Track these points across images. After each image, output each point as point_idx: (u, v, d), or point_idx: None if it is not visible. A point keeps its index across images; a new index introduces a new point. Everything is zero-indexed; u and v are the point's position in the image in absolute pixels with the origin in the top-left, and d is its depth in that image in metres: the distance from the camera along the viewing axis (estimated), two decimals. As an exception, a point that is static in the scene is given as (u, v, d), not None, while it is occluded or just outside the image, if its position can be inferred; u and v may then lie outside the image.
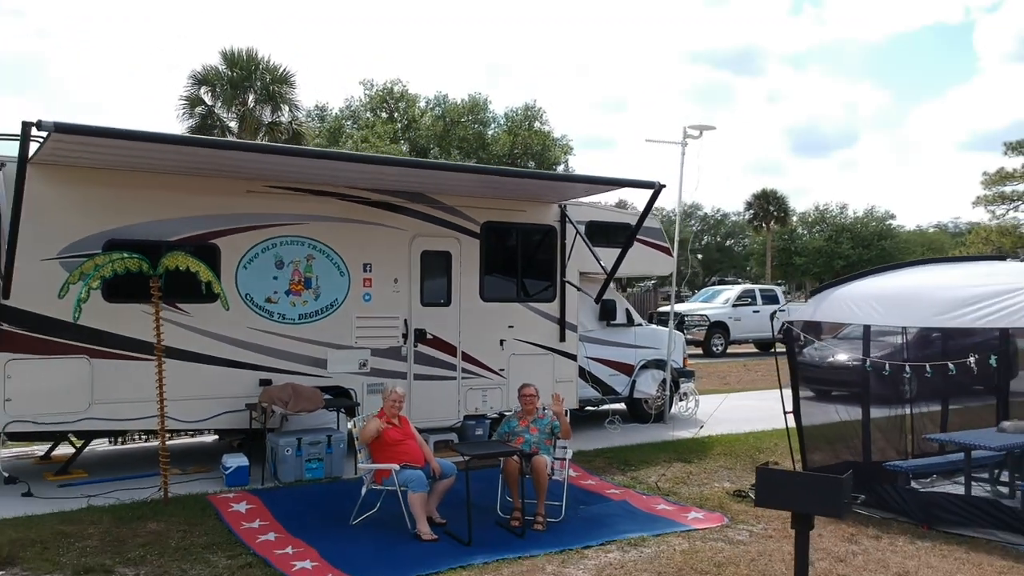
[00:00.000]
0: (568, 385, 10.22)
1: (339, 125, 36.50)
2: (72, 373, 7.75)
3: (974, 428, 8.43)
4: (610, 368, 11.25)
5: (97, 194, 7.79)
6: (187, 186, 8.25)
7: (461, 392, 9.69)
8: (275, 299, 8.63)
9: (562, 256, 10.35)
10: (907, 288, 7.60)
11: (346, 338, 9.00)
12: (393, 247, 9.30)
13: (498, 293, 10.04)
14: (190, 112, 23.82)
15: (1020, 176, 45.48)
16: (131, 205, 7.98)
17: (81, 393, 7.80)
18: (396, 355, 9.31)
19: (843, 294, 7.96)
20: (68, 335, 7.67)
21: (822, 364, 10.30)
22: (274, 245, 8.65)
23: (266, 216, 8.59)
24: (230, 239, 8.39)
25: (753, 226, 57.11)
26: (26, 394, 7.55)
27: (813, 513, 5.16)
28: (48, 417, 7.70)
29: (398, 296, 9.33)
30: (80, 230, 7.72)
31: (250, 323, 8.49)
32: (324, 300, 8.92)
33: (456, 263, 9.72)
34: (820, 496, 5.14)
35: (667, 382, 11.47)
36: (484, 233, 9.88)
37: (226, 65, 23.65)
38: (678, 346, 11.91)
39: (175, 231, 8.13)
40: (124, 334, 7.92)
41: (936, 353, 7.98)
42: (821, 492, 5.16)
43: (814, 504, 5.13)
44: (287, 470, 8.03)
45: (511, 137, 35.66)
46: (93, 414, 7.88)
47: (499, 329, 9.97)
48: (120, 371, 7.95)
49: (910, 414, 8.74)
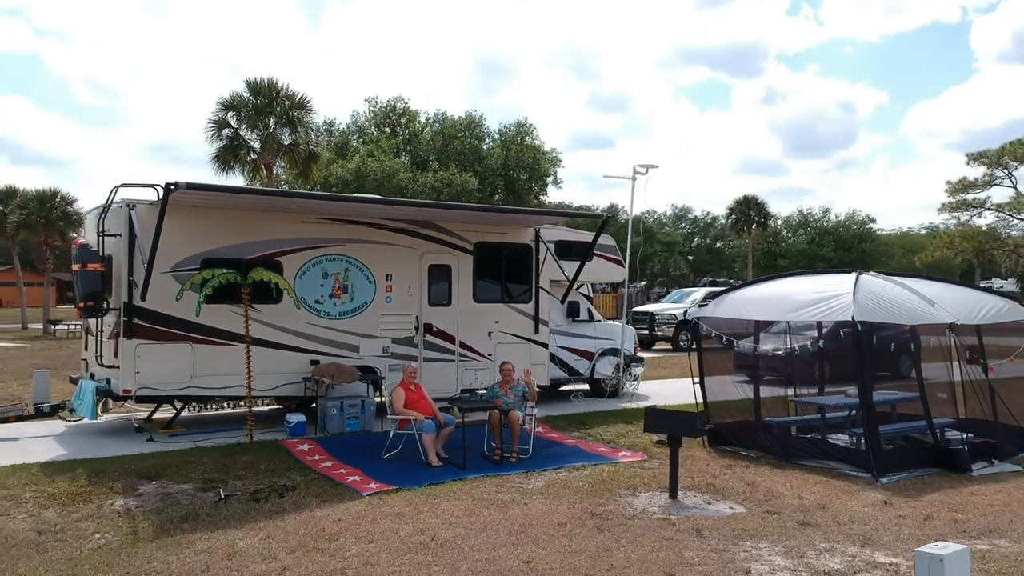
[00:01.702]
0: (541, 367, 13.29)
1: (346, 140, 39.50)
2: (179, 355, 10.79)
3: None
4: (575, 355, 14.35)
5: (197, 225, 10.81)
6: (258, 218, 11.31)
7: (459, 371, 12.75)
8: (322, 301, 11.70)
9: (536, 268, 13.44)
10: (774, 293, 10.70)
11: (373, 330, 12.08)
12: (407, 262, 12.38)
13: (487, 296, 13.12)
14: (218, 134, 26.79)
15: (981, 184, 48.53)
16: (219, 233, 11.01)
17: (185, 369, 10.84)
18: (410, 343, 12.38)
19: (733, 297, 11.06)
20: (177, 327, 10.72)
21: (751, 353, 13.34)
22: (321, 261, 11.71)
23: (315, 240, 11.64)
24: (289, 257, 11.44)
25: (735, 230, 59.97)
26: (149, 369, 10.59)
27: (678, 435, 8.24)
28: (163, 386, 10.75)
29: (411, 299, 12.40)
30: (185, 251, 10.75)
31: (304, 319, 11.55)
32: (357, 302, 11.98)
33: (455, 273, 12.79)
34: (682, 424, 8.24)
35: (620, 366, 14.56)
36: (476, 250, 12.94)
37: (250, 92, 26.63)
38: (629, 338, 15.00)
39: (250, 252, 11.16)
40: (215, 326, 10.95)
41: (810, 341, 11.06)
42: (683, 422, 8.25)
43: (678, 429, 8.22)
44: (333, 424, 11.08)
45: (504, 151, 38.70)
46: (193, 384, 10.93)
47: (488, 324, 13.05)
48: (212, 353, 10.98)
49: (794, 388, 11.90)
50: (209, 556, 6.78)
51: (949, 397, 10.62)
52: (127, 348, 10.47)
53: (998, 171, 48.04)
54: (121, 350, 10.51)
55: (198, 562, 6.64)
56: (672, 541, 6.93)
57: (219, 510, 8.04)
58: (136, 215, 10.44)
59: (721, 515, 7.79)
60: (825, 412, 10.82)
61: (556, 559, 6.50)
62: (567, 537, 7.07)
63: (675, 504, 8.15)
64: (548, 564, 6.39)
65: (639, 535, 7.12)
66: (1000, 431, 10.32)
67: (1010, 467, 9.83)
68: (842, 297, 9.66)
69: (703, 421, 8.37)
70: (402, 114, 40.23)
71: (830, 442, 10.00)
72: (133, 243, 10.39)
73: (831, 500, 8.29)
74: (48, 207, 39.86)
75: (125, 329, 10.44)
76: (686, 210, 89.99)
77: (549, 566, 6.34)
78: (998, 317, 10.34)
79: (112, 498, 8.46)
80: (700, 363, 11.23)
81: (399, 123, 40.54)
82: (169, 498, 8.50)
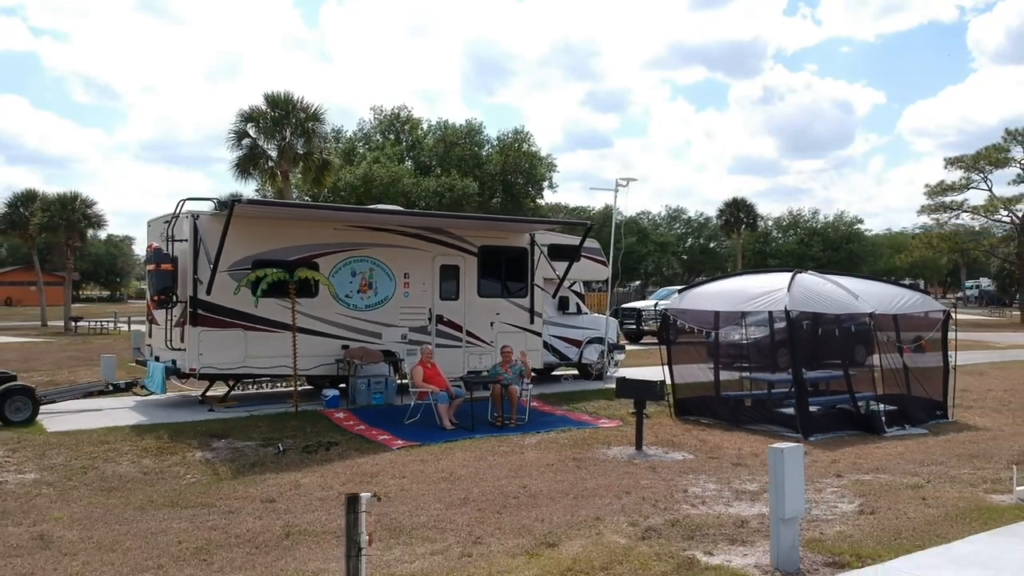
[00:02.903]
0: (536, 352, 15.47)
1: (352, 146, 41.70)
2: (235, 340, 12.96)
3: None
4: (565, 343, 16.56)
5: (249, 232, 12.94)
6: (298, 225, 13.50)
7: (465, 356, 14.93)
8: (351, 295, 13.88)
9: (531, 268, 15.62)
10: (729, 288, 12.92)
11: (394, 320, 14.26)
12: (422, 262, 14.56)
13: (489, 292, 15.30)
14: (238, 143, 28.95)
15: (958, 187, 50.79)
16: (267, 238, 13.17)
17: (239, 351, 13.01)
18: (424, 331, 14.56)
19: (696, 292, 13.28)
20: (233, 317, 12.89)
21: (723, 343, 15.55)
22: (350, 262, 13.89)
23: (345, 244, 13.82)
24: (324, 258, 13.61)
25: (725, 231, 62.13)
26: (210, 351, 12.76)
27: (642, 398, 10.44)
28: (221, 365, 12.93)
29: (425, 294, 14.58)
30: (240, 254, 12.90)
31: (336, 310, 13.73)
32: (380, 296, 14.17)
33: (462, 272, 14.97)
34: (645, 390, 10.44)
35: (604, 353, 16.77)
36: (480, 253, 15.12)
37: (268, 106, 28.78)
38: (612, 328, 17.21)
39: (292, 254, 13.33)
40: (264, 316, 13.11)
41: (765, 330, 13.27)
42: (646, 388, 10.46)
43: (642, 394, 10.42)
44: (361, 398, 13.26)
45: (503, 157, 40.93)
46: (245, 364, 13.10)
47: (490, 315, 15.24)
48: (261, 339, 13.14)
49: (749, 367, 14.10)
50: (279, 488, 8.99)
51: (872, 376, 12.78)
52: (192, 334, 12.65)
53: (974, 175, 50.31)
54: (187, 336, 12.69)
55: (272, 492, 8.84)
56: (632, 474, 9.14)
57: (279, 459, 10.25)
58: (200, 223, 12.61)
59: (674, 459, 10.00)
60: (772, 387, 13.02)
61: (544, 485, 8.71)
62: (553, 472, 9.28)
63: (639, 454, 10.35)
64: (538, 488, 8.59)
65: (608, 471, 9.33)
66: (913, 402, 12.54)
67: (919, 431, 12.04)
68: (780, 291, 11.87)
69: (662, 387, 10.59)
70: (406, 122, 42.47)
71: (772, 410, 12.21)
72: (198, 247, 12.56)
73: (762, 451, 10.42)
74: (69, 209, 41.81)
75: (191, 318, 12.61)
76: (680, 211, 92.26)
77: (539, 489, 8.55)
78: (911, 308, 12.56)
79: (192, 451, 10.66)
80: (668, 345, 13.43)
81: (403, 130, 42.76)
82: (237, 451, 10.70)
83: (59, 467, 9.94)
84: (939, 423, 12.60)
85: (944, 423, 12.64)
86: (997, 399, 15.30)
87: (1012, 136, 48.93)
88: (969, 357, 23.78)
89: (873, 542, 6.51)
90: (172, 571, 6.56)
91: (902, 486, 8.54)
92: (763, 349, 13.56)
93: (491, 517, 7.69)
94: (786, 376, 12.83)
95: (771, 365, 14.15)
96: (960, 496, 8.03)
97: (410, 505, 8.10)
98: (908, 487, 8.47)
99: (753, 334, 13.99)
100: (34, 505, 8.54)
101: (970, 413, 13.63)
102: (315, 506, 8.37)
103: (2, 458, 10.20)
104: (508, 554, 6.53)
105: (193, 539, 7.36)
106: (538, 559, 6.34)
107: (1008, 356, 24.49)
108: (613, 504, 7.95)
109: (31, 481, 9.40)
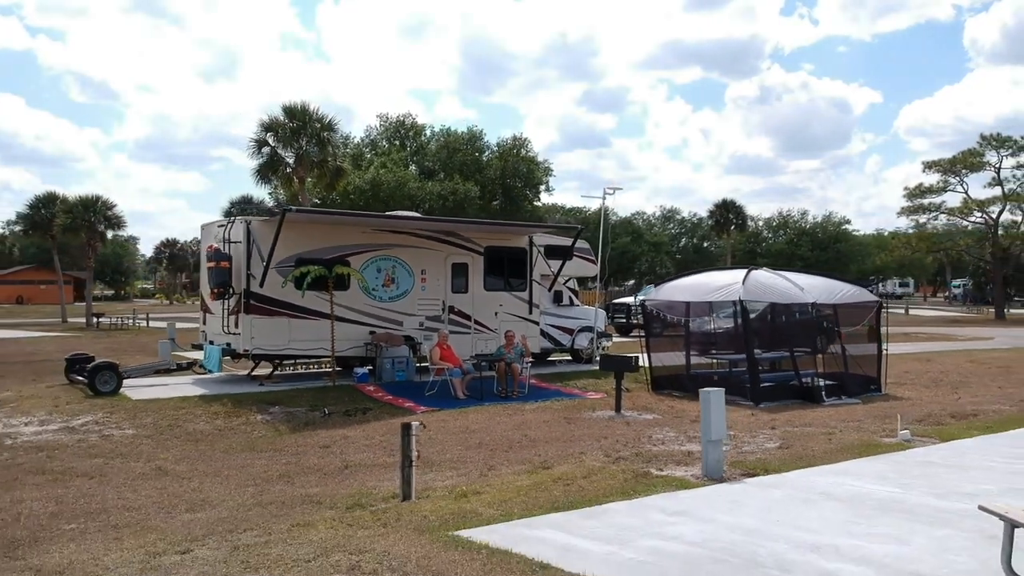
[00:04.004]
0: (534, 339, 17.89)
1: (360, 152, 44.13)
2: (280, 326, 15.35)
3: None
4: (559, 331, 19.01)
5: (293, 233, 15.29)
6: (334, 229, 15.92)
7: (473, 341, 17.34)
8: (377, 289, 16.29)
9: (530, 265, 18.04)
10: (695, 282, 15.38)
11: (412, 310, 16.68)
12: (437, 260, 16.98)
13: (494, 286, 17.72)
14: (258, 151, 31.32)
15: (936, 190, 53.31)
16: (307, 239, 15.55)
17: (284, 336, 15.41)
18: (438, 320, 16.97)
19: (670, 285, 15.76)
20: (279, 306, 15.28)
21: (704, 331, 18.00)
22: (375, 260, 16.30)
23: (372, 245, 16.23)
24: (355, 257, 16.02)
25: (715, 232, 64.53)
26: (260, 335, 15.16)
27: (620, 370, 12.89)
28: (269, 347, 15.34)
29: (439, 287, 17.00)
30: (285, 253, 15.26)
31: (365, 301, 16.14)
32: (401, 289, 16.58)
33: (470, 269, 17.38)
34: (623, 363, 12.90)
35: (594, 340, 19.21)
36: (486, 252, 17.54)
37: (286, 116, 31.16)
38: (601, 318, 19.67)
39: (329, 253, 15.71)
40: (304, 306, 15.49)
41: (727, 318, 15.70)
42: (623, 362, 12.91)
43: (620, 366, 12.87)
44: (387, 375, 15.67)
45: (502, 162, 43.40)
46: (289, 346, 15.51)
47: (494, 306, 17.66)
48: (302, 325, 15.54)
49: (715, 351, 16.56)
50: (331, 439, 11.42)
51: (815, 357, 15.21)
52: (245, 321, 15.06)
53: (951, 178, 52.83)
54: (241, 322, 15.09)
55: (326, 441, 11.28)
56: (610, 427, 11.60)
57: (326, 420, 12.69)
58: (252, 228, 15.03)
59: (645, 419, 12.45)
60: (733, 365, 15.46)
61: (541, 434, 11.15)
62: (548, 426, 11.73)
63: (618, 415, 12.79)
64: (536, 436, 11.04)
65: (591, 425, 11.78)
66: (850, 379, 15.00)
67: (853, 401, 14.46)
68: (736, 284, 14.31)
69: (636, 361, 13.03)
70: (410, 128, 44.93)
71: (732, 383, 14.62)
72: (251, 247, 14.97)
73: (718, 413, 12.90)
74: (91, 211, 44.03)
75: (244, 307, 15.02)
76: (674, 211, 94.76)
77: (537, 436, 11.00)
78: (848, 299, 15.01)
79: (253, 415, 13.07)
80: (647, 330, 15.88)
81: (408, 136, 45.23)
82: (290, 415, 13.13)
83: (150, 425, 12.38)
84: (872, 395, 15.03)
85: (876, 395, 15.08)
86: (931, 378, 17.77)
87: (987, 141, 51.46)
88: (928, 347, 26.33)
89: (779, 463, 8.94)
90: (266, 488, 8.97)
91: (818, 433, 10.98)
92: (728, 334, 15.99)
93: (500, 454, 10.12)
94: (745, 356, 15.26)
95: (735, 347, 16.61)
96: (859, 439, 10.47)
97: (437, 448, 10.51)
98: (822, 434, 10.91)
99: (719, 321, 16.41)
100: (141, 450, 10.97)
101: (902, 388, 16.08)
102: (363, 450, 10.81)
103: (103, 419, 12.62)
104: (514, 474, 8.95)
105: (274, 470, 9.80)
106: (535, 475, 8.75)
107: (962, 346, 26.97)
108: (593, 445, 10.39)
109: (131, 435, 11.83)
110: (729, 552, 5.78)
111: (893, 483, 7.90)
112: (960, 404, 13.98)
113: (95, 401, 13.77)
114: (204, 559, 5.93)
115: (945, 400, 14.48)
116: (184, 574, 5.62)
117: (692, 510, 6.90)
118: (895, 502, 7.18)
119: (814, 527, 6.40)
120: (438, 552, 5.77)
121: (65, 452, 10.78)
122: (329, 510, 7.69)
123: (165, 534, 6.94)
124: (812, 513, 6.83)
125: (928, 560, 5.64)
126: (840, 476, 8.25)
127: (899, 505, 7.08)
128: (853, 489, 7.67)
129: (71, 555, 6.41)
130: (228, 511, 7.94)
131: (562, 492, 7.66)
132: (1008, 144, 50.72)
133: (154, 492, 8.80)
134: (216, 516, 7.72)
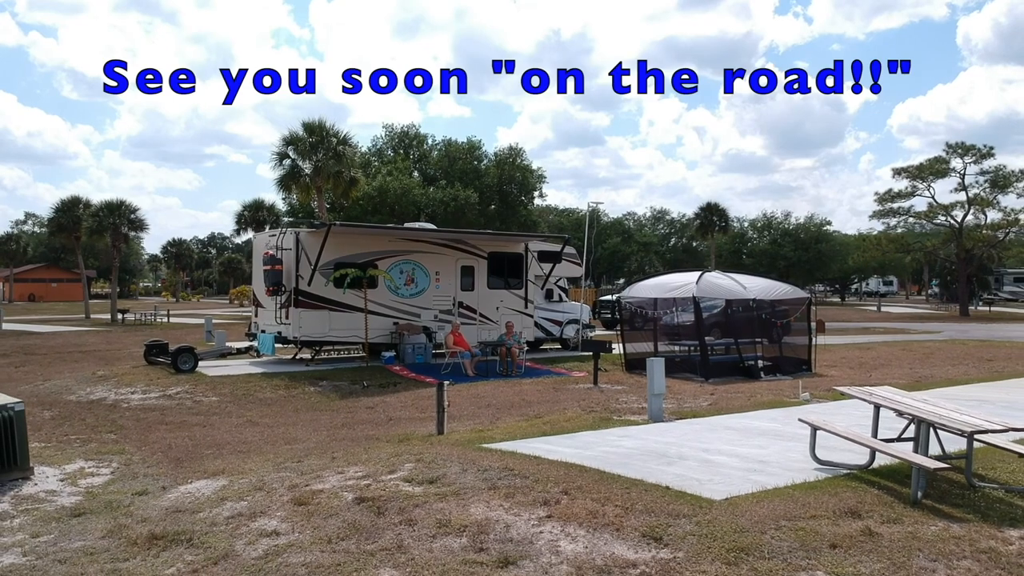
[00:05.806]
0: (529, 329, 21.42)
1: (367, 161, 47.54)
2: (323, 317, 18.82)
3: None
4: (550, 323, 22.54)
5: (334, 241, 18.75)
6: (365, 237, 19.39)
7: (478, 331, 20.83)
8: (400, 287, 19.77)
9: (526, 268, 21.54)
10: (661, 282, 18.90)
11: (429, 305, 20.16)
12: (448, 264, 20.47)
13: (496, 285, 21.21)
14: (279, 163, 34.75)
15: (905, 195, 56.95)
16: (344, 245, 19.01)
17: (325, 325, 18.88)
18: (450, 313, 20.45)
19: (640, 285, 19.26)
20: (321, 302, 18.75)
21: (671, 324, 21.52)
22: (398, 263, 19.77)
23: (396, 251, 19.71)
24: (382, 261, 19.49)
25: (700, 233, 68.02)
26: (306, 325, 18.63)
27: (597, 351, 16.43)
28: (313, 335, 18.81)
29: (451, 286, 20.48)
30: (327, 257, 18.71)
31: (390, 298, 19.62)
32: (419, 288, 20.06)
33: (476, 271, 20.87)
34: (600, 346, 16.45)
35: (579, 330, 22.74)
36: (489, 257, 21.03)
37: (305, 132, 34.61)
38: (586, 312, 23.20)
39: (361, 257, 19.18)
40: (342, 301, 18.97)
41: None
42: (600, 345, 16.45)
43: (598, 348, 16.42)
44: (408, 358, 19.16)
45: (499, 170, 46.93)
46: (329, 334, 18.99)
47: (496, 302, 21.16)
48: (339, 317, 19.01)
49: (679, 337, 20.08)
50: (373, 403, 14.91)
51: (755, 343, 18.73)
52: (294, 313, 18.53)
53: (919, 183, 56.46)
54: (291, 315, 18.56)
55: (370, 405, 14.76)
56: (588, 394, 15.12)
57: (366, 391, 16.17)
58: (300, 237, 18.49)
59: (616, 389, 15.98)
60: (692, 350, 18.98)
61: (535, 398, 14.67)
62: (540, 393, 15.25)
63: (595, 387, 16.29)
64: (531, 399, 14.55)
65: (574, 393, 15.30)
66: (785, 360, 18.54)
67: (786, 378, 17.95)
68: (691, 283, 17.84)
69: (610, 344, 16.54)
70: (414, 138, 48.44)
71: (689, 363, 18.20)
72: (299, 254, 18.43)
73: (674, 385, 16.43)
74: (116, 214, 47.32)
75: (294, 302, 18.49)
76: (663, 212, 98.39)
77: (531, 399, 14.51)
78: (783, 295, 18.55)
79: (307, 387, 16.54)
80: (622, 321, 19.40)
81: (411, 145, 48.71)
82: (336, 387, 16.61)
83: (228, 394, 15.84)
84: (803, 374, 18.54)
85: (806, 374, 18.59)
86: (860, 363, 21.31)
87: (953, 149, 55.10)
88: (879, 339, 29.89)
89: (705, 412, 12.45)
90: (335, 432, 12.43)
91: (744, 396, 14.51)
92: (689, 325, 19.50)
93: (504, 411, 13.62)
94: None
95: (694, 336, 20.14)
96: (771, 399, 14.00)
97: (455, 409, 13.96)
98: (747, 397, 14.44)
99: (682, 316, 19.91)
100: (230, 411, 14.43)
101: (832, 369, 19.61)
102: (400, 409, 14.30)
103: (190, 389, 16.08)
104: (515, 420, 12.44)
105: (337, 421, 13.28)
106: (530, 421, 12.24)
107: (908, 338, 30.56)
108: (574, 405, 13.89)
109: (216, 401, 15.29)
110: (651, 452, 9.28)
111: (778, 423, 11.42)
112: (870, 380, 17.50)
113: (179, 377, 17.23)
114: (313, 465, 9.38)
115: (858, 377, 18.02)
116: (304, 469, 9.06)
117: (634, 435, 10.42)
118: (772, 432, 10.70)
119: (711, 442, 9.91)
120: (470, 453, 9.25)
121: (172, 412, 14.23)
122: (386, 443, 11.16)
123: (278, 454, 10.40)
124: (713, 436, 10.35)
125: (775, 456, 9.14)
126: (743, 419, 11.77)
127: (773, 432, 10.60)
128: (748, 424, 11.20)
129: (221, 465, 9.84)
130: (315, 444, 11.41)
131: (549, 427, 11.17)
132: (972, 152, 54.41)
133: (255, 433, 12.26)
134: (307, 447, 11.18)
